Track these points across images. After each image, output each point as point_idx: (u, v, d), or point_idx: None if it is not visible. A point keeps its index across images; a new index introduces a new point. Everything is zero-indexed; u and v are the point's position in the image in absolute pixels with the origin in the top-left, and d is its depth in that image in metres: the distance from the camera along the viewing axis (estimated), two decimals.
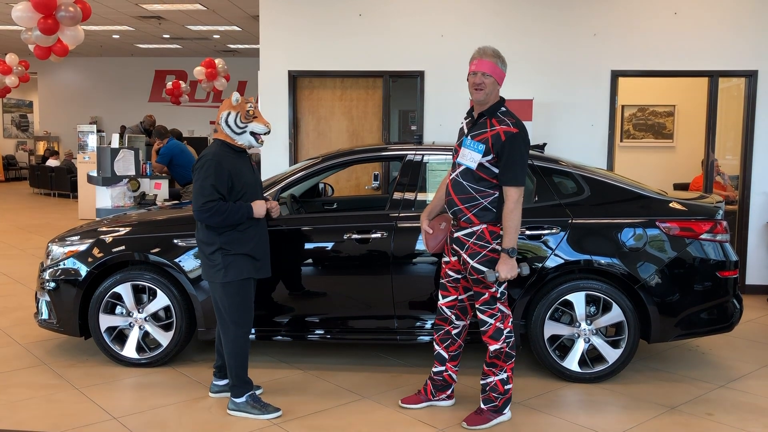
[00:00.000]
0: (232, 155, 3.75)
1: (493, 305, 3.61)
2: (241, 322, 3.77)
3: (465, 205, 3.58)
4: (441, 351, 3.90)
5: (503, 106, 3.62)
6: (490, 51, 3.60)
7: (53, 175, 16.61)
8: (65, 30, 8.04)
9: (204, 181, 3.63)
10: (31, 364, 4.66)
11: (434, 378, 3.95)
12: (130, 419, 3.77)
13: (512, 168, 3.50)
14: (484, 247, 3.56)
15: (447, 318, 3.84)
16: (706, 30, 6.76)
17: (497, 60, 3.58)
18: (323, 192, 6.02)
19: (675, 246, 4.29)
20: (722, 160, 7.27)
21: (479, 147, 3.52)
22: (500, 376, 3.69)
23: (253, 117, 3.75)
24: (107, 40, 17.15)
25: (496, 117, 3.57)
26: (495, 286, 3.59)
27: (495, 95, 3.61)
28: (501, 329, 3.62)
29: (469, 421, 3.70)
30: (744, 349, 5.08)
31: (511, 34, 6.96)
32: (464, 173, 3.59)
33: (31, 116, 23.31)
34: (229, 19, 13.95)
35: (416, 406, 3.95)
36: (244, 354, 3.81)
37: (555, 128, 6.91)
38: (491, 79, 3.55)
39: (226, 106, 3.78)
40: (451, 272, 3.76)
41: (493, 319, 3.61)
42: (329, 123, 7.28)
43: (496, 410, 3.71)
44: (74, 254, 4.59)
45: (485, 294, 3.61)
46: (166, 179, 8.36)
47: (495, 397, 3.71)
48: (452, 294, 3.80)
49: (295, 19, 7.12)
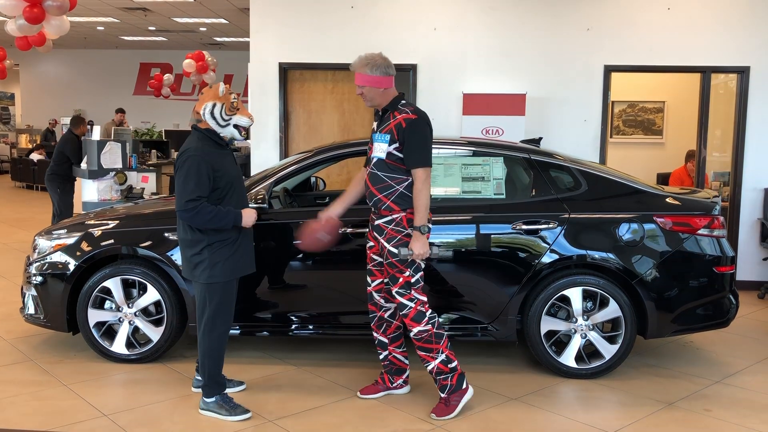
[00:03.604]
0: (214, 149, 3.65)
1: (408, 290, 3.69)
2: (221, 322, 3.69)
3: (383, 194, 3.69)
4: (380, 337, 3.98)
5: (403, 99, 3.77)
6: (358, 63, 3.71)
7: (36, 169, 16.36)
8: (51, 19, 7.88)
9: (187, 178, 3.52)
10: (17, 360, 4.55)
11: (384, 364, 4.03)
12: (121, 416, 3.68)
13: (416, 150, 3.63)
14: (399, 233, 3.67)
15: (377, 303, 3.91)
16: (699, 26, 6.76)
17: (366, 68, 3.68)
18: (315, 186, 5.95)
19: (672, 241, 4.27)
20: (709, 157, 7.28)
21: (385, 138, 3.69)
22: (439, 358, 3.72)
23: (236, 109, 3.70)
24: (91, 31, 16.92)
25: (398, 109, 3.72)
26: (409, 270, 3.65)
27: (386, 95, 3.73)
28: (423, 312, 3.70)
29: (437, 413, 3.74)
30: (738, 345, 5.09)
31: (505, 28, 6.92)
32: (378, 165, 3.72)
33: (13, 109, 22.95)
34: (217, 12, 13.80)
35: (374, 396, 4.00)
36: (219, 354, 3.73)
37: (548, 123, 6.88)
38: (366, 88, 3.70)
39: (210, 97, 3.66)
40: (375, 256, 3.85)
41: (412, 303, 3.69)
42: (320, 117, 7.21)
43: (455, 390, 3.73)
44: (62, 248, 4.49)
45: (400, 279, 3.68)
46: (153, 172, 8.22)
47: (445, 380, 3.73)
48: (378, 277, 3.87)
49: (286, 10, 7.02)
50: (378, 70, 3.67)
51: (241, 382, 4.09)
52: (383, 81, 3.69)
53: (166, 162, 11.23)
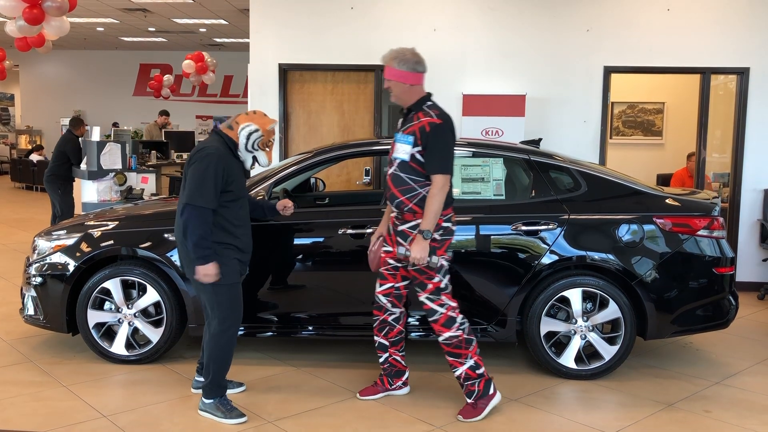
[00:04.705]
0: (230, 155, 3.68)
1: (438, 295, 3.66)
2: (228, 323, 3.67)
3: (405, 197, 3.65)
4: (380, 340, 3.96)
5: (429, 101, 3.71)
6: (387, 56, 3.70)
7: (35, 170, 16.35)
8: (51, 20, 7.88)
9: (205, 179, 3.51)
10: (17, 360, 4.54)
11: (384, 367, 4.02)
12: (121, 417, 3.68)
13: (437, 156, 3.59)
14: None
15: (382, 306, 3.90)
16: (698, 27, 6.76)
17: (393, 62, 3.64)
18: (314, 187, 5.94)
19: (672, 242, 4.27)
20: (708, 158, 7.28)
21: (408, 139, 3.63)
22: (468, 363, 3.71)
23: (267, 149, 3.76)
24: (91, 32, 16.92)
25: (422, 110, 3.66)
26: (438, 276, 3.63)
27: (412, 93, 3.68)
28: (453, 317, 3.67)
29: (465, 414, 3.73)
30: (738, 346, 5.08)
31: (504, 28, 6.92)
32: (401, 166, 3.67)
33: (13, 109, 22.93)
34: (216, 13, 13.80)
35: (373, 397, 3.99)
36: (226, 357, 3.71)
37: (547, 124, 6.88)
38: (393, 82, 3.66)
39: (259, 122, 3.70)
40: (391, 260, 3.81)
41: (443, 309, 3.67)
42: (320, 117, 7.20)
43: (482, 396, 3.73)
44: (61, 249, 4.48)
45: (429, 285, 3.65)
46: (153, 173, 8.22)
47: (473, 385, 3.73)
48: (390, 281, 3.85)
49: (286, 11, 7.02)
50: (406, 65, 3.62)
51: (240, 384, 4.09)
52: (410, 77, 3.63)
53: (165, 163, 11.22)
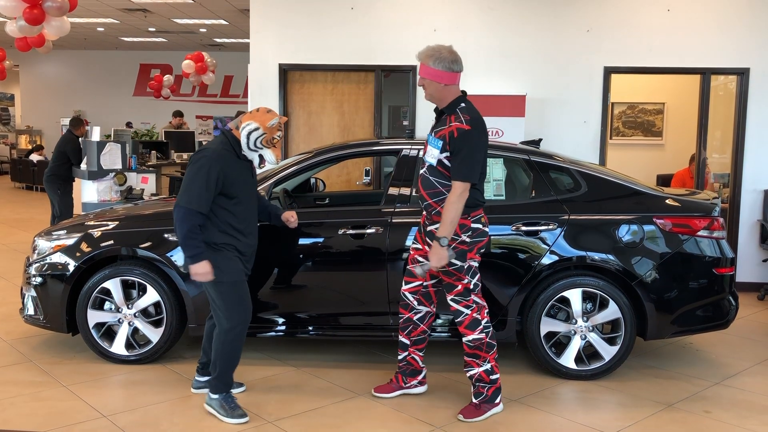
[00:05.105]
0: (233, 157, 3.65)
1: (467, 296, 3.65)
2: (234, 321, 3.67)
3: (434, 200, 3.63)
4: (402, 338, 3.96)
5: (464, 102, 3.62)
6: (423, 53, 3.63)
7: (35, 170, 16.34)
8: (51, 20, 7.88)
9: (195, 180, 3.51)
10: (17, 360, 4.54)
11: (400, 365, 4.01)
12: (121, 417, 3.68)
13: (462, 164, 3.51)
14: (453, 240, 3.57)
15: (408, 305, 3.88)
16: (698, 27, 6.76)
17: (428, 60, 3.58)
18: (314, 187, 5.94)
19: (672, 242, 4.27)
20: (709, 158, 7.28)
21: (438, 143, 3.58)
22: (484, 366, 3.71)
23: (273, 146, 3.70)
24: (91, 32, 16.91)
25: (455, 113, 3.58)
26: (467, 277, 3.61)
27: (447, 92, 3.61)
28: (478, 319, 3.66)
29: (465, 414, 3.74)
30: (737, 346, 5.08)
31: (505, 29, 6.92)
32: (430, 169, 3.65)
33: (13, 109, 22.93)
34: (217, 13, 13.79)
35: (389, 395, 3.99)
36: (233, 354, 3.71)
37: (548, 124, 6.88)
38: (427, 81, 3.60)
39: (259, 119, 3.65)
40: (420, 258, 3.78)
41: (468, 310, 3.66)
42: (320, 118, 7.20)
43: (488, 401, 3.74)
44: (61, 249, 4.48)
45: (458, 286, 3.64)
46: (153, 173, 8.22)
47: (483, 388, 3.74)
48: (418, 279, 3.82)
49: (286, 11, 7.02)
50: (441, 64, 3.55)
51: (240, 384, 4.09)
52: (445, 76, 3.56)
53: (165, 163, 11.22)
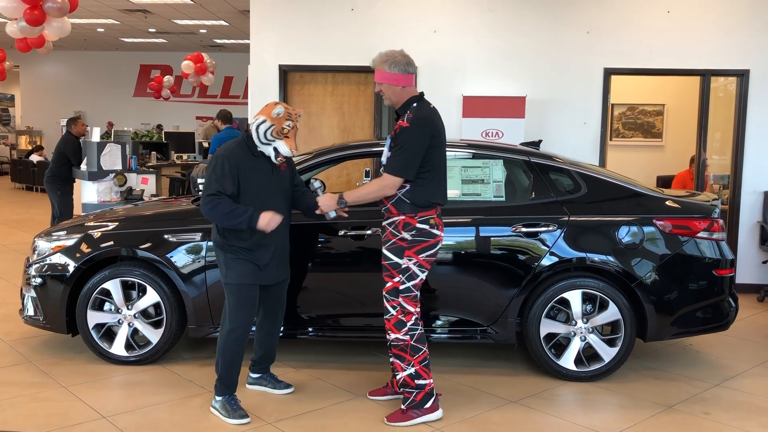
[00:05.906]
0: (248, 155, 3.67)
1: (395, 296, 3.63)
2: (235, 324, 3.69)
3: (384, 197, 3.67)
4: None
5: (417, 102, 3.64)
6: (377, 60, 3.66)
7: (36, 170, 16.35)
8: (51, 21, 7.88)
9: (210, 177, 3.62)
10: (16, 361, 4.54)
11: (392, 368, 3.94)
12: (120, 418, 3.68)
13: (393, 157, 3.56)
14: (395, 236, 3.62)
15: None
16: (698, 29, 6.77)
17: (384, 65, 3.62)
18: None
19: (671, 244, 4.27)
20: (709, 160, 7.28)
21: (389, 142, 3.65)
22: (408, 371, 3.65)
23: (285, 136, 3.66)
24: (91, 33, 16.92)
25: (406, 112, 3.63)
26: (400, 276, 3.59)
27: (404, 94, 3.64)
28: (404, 321, 3.63)
29: (390, 418, 3.69)
30: (737, 348, 5.08)
31: (505, 30, 6.92)
32: (383, 167, 3.69)
33: (13, 110, 22.94)
34: (217, 14, 13.80)
35: (382, 398, 3.99)
36: (234, 356, 3.72)
37: (547, 126, 6.88)
38: (385, 85, 3.64)
39: (264, 112, 3.67)
40: None
41: (394, 311, 3.65)
42: (320, 119, 7.21)
43: (415, 406, 3.66)
44: (61, 249, 4.48)
45: (389, 282, 3.66)
46: (153, 174, 8.23)
47: (409, 393, 3.68)
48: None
49: (286, 12, 7.03)
50: (397, 67, 3.59)
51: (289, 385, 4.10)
52: (402, 78, 3.60)
53: (165, 164, 11.23)
